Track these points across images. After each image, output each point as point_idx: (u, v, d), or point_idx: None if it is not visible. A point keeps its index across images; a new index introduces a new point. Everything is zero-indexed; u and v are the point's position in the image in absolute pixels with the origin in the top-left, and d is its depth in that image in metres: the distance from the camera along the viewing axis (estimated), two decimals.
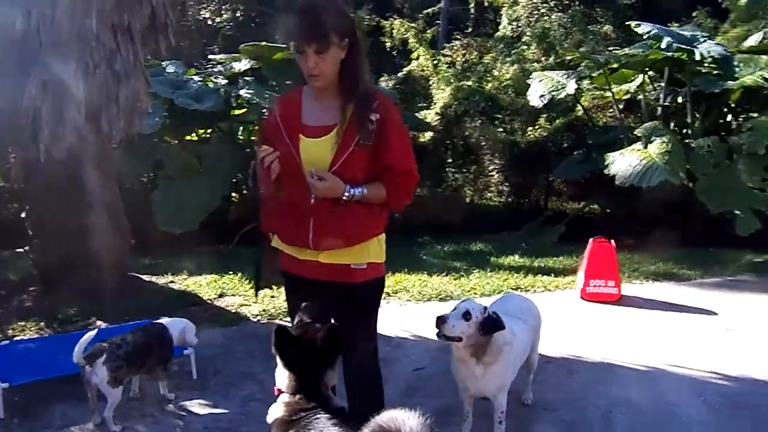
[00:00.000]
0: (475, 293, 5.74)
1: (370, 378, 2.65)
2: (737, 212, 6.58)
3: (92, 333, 3.22)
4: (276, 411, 2.19)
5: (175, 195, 7.43)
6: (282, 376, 2.21)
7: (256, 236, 7.79)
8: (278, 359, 2.21)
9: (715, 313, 5.21)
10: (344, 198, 2.38)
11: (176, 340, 3.52)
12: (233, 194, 8.87)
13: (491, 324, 2.75)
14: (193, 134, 9.13)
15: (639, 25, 7.82)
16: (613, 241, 5.69)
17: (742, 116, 8.11)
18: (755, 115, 7.58)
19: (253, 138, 9.31)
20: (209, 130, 9.23)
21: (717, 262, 6.71)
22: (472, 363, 2.82)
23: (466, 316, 2.74)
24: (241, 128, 9.29)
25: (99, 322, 4.81)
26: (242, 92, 8.13)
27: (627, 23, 9.05)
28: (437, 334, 2.80)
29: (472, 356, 2.81)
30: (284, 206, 2.56)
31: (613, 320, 5.06)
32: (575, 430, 3.31)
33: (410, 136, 2.81)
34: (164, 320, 3.60)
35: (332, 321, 2.33)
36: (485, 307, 2.81)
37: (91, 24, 4.73)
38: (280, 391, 2.21)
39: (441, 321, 2.75)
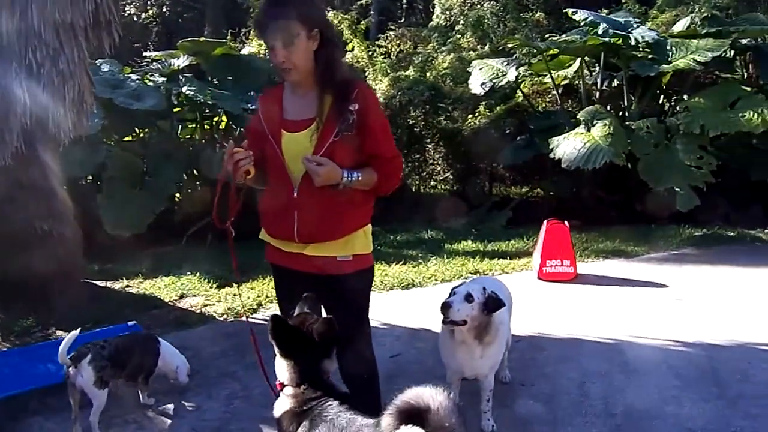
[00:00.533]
0: (436, 280, 5.84)
1: (365, 367, 2.69)
2: (677, 189, 6.91)
3: (75, 332, 3.17)
4: (283, 404, 2.21)
5: (120, 198, 7.26)
6: (282, 369, 2.23)
7: (206, 234, 7.77)
8: (276, 349, 2.23)
9: (665, 286, 5.48)
10: (342, 182, 2.40)
11: (166, 368, 3.47)
12: (177, 194, 8.67)
13: (493, 303, 2.84)
14: (131, 135, 8.86)
15: (576, 12, 8.09)
16: (566, 222, 5.88)
17: (674, 98, 8.51)
18: (686, 97, 7.94)
19: (190, 136, 9.18)
20: (146, 130, 8.98)
21: (661, 238, 7.04)
22: (474, 345, 2.90)
23: (468, 298, 2.81)
24: (180, 126, 9.10)
25: (59, 332, 4.64)
26: (184, 89, 7.94)
27: (564, 10, 9.32)
28: (443, 321, 2.84)
29: (475, 338, 2.88)
30: (269, 200, 2.58)
31: (572, 298, 5.26)
32: (554, 401, 3.44)
33: None
34: (165, 343, 3.53)
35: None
36: (484, 287, 2.88)
37: (32, 21, 4.55)
38: (283, 385, 2.23)
39: (446, 307, 2.80)
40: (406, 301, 5.28)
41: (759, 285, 5.42)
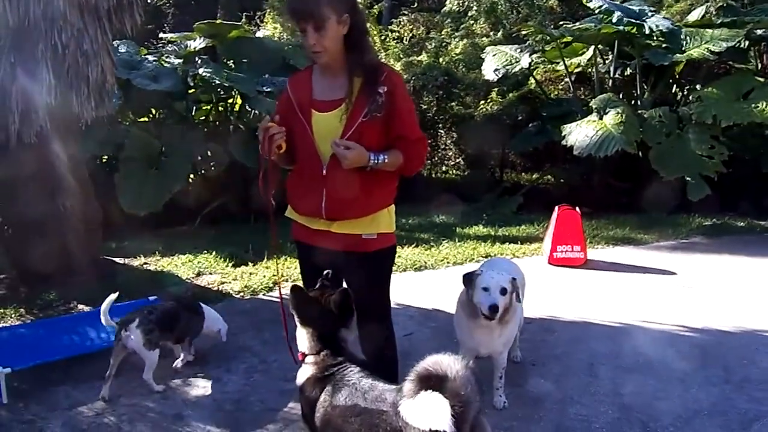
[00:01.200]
0: (448, 262, 5.94)
1: (386, 342, 2.79)
2: (688, 179, 6.95)
3: (113, 296, 3.51)
4: (305, 372, 2.32)
5: (138, 177, 7.34)
6: (303, 339, 2.36)
7: (218, 215, 7.88)
8: (296, 319, 2.36)
9: (675, 273, 5.55)
10: (370, 164, 2.50)
11: (209, 330, 3.79)
12: (191, 175, 8.77)
13: (518, 289, 3.01)
14: (147, 116, 8.95)
15: (590, 0, 8.09)
16: (578, 209, 5.95)
17: (687, 88, 8.53)
18: (699, 86, 7.97)
19: (204, 118, 9.24)
20: (162, 111, 9.06)
21: (670, 226, 7.10)
22: (495, 325, 3.00)
23: (503, 292, 2.93)
24: (194, 108, 9.17)
25: (81, 306, 4.79)
26: (200, 71, 8.02)
27: None
28: (489, 318, 2.95)
29: (499, 321, 2.99)
30: (297, 178, 2.67)
31: (582, 283, 5.35)
32: (564, 381, 3.54)
33: None
34: (207, 309, 3.83)
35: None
36: (513, 278, 3.01)
37: (58, 3, 4.64)
38: (305, 355, 2.35)
39: (495, 310, 2.91)
40: (419, 282, 5.38)
41: (766, 274, 5.48)
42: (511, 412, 3.19)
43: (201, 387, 3.51)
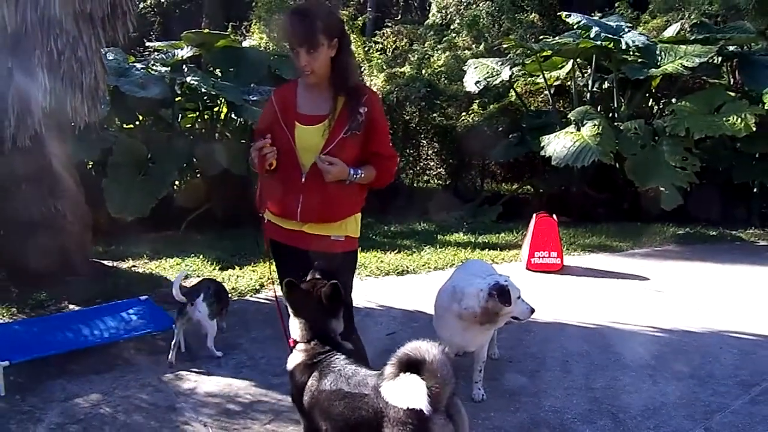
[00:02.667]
0: (429, 267, 6.13)
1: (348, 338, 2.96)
2: (662, 189, 7.21)
3: (182, 273, 4.29)
4: (295, 358, 2.49)
5: (125, 182, 7.46)
6: (295, 327, 2.52)
7: (202, 221, 7.98)
8: (289, 309, 2.53)
9: (647, 278, 5.78)
10: (349, 179, 2.73)
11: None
12: (176, 182, 8.88)
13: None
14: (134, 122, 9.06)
15: (569, 15, 8.36)
16: (554, 216, 6.17)
17: (662, 101, 8.82)
18: (674, 100, 8.25)
19: (190, 126, 9.37)
20: (150, 118, 9.18)
21: (644, 235, 7.35)
22: (488, 325, 3.21)
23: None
24: (180, 116, 9.29)
25: (72, 306, 4.90)
26: (188, 79, 8.16)
27: (558, 13, 9.59)
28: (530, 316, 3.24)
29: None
30: (277, 182, 2.87)
31: (558, 287, 5.56)
32: (539, 376, 3.74)
33: None
34: None
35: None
36: (509, 281, 3.22)
37: (54, 11, 4.77)
38: (295, 342, 2.52)
39: (533, 310, 3.24)
40: (401, 286, 5.56)
41: (736, 281, 5.74)
42: (488, 404, 3.37)
43: (192, 381, 3.65)
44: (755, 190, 8.25)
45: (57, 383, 3.59)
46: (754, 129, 7.16)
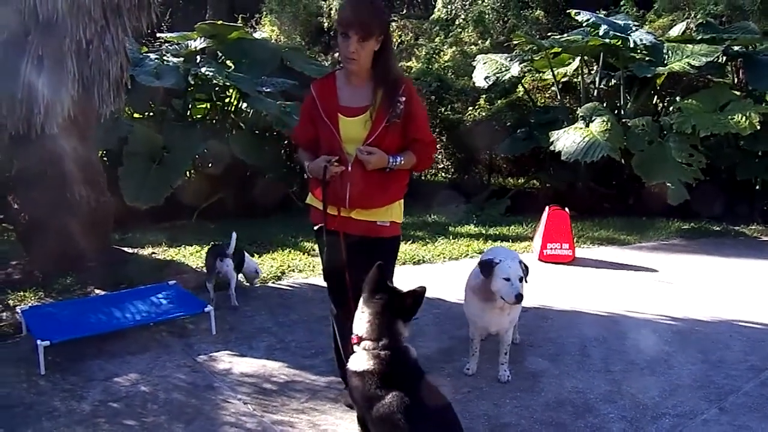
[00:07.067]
0: (444, 257, 6.27)
1: None
2: (669, 184, 7.35)
3: (234, 235, 4.77)
4: (364, 360, 2.42)
5: (140, 171, 7.54)
6: (362, 322, 2.49)
7: (214, 211, 8.08)
8: (365, 294, 2.52)
9: (656, 270, 5.94)
10: (389, 166, 2.86)
11: (248, 268, 5.08)
12: (188, 172, 8.97)
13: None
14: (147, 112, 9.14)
15: (579, 13, 8.48)
16: (566, 209, 6.31)
17: (667, 99, 8.96)
18: (678, 98, 8.39)
19: (201, 116, 9.45)
20: (162, 108, 9.27)
21: (651, 229, 7.49)
22: (507, 306, 3.35)
23: (521, 279, 3.29)
24: (190, 106, 9.38)
25: (97, 291, 5.02)
26: (203, 70, 8.27)
27: (563, 9, 9.71)
28: (515, 303, 3.30)
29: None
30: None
31: (571, 277, 5.70)
32: (559, 360, 3.90)
33: None
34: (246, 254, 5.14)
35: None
36: (519, 262, 3.34)
37: (83, 0, 4.88)
38: (360, 338, 2.48)
39: (521, 299, 3.27)
40: (418, 274, 5.69)
41: (741, 274, 5.89)
42: (514, 385, 3.53)
43: (227, 362, 3.79)
44: (758, 187, 8.40)
45: (95, 363, 3.72)
46: (758, 127, 7.30)
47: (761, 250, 6.82)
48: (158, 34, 11.18)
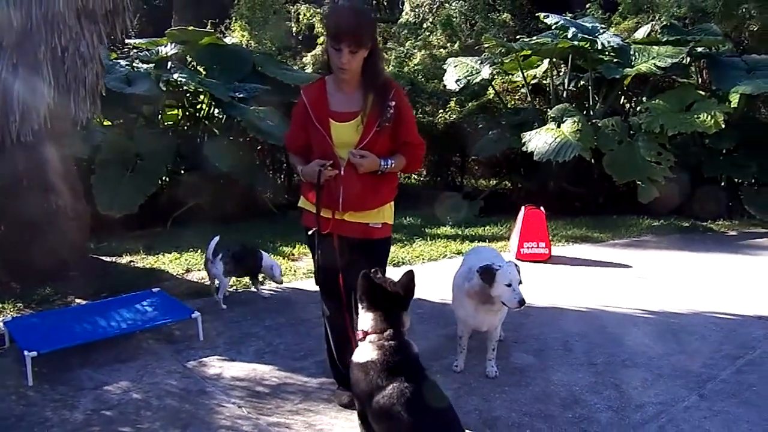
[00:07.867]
0: (423, 258, 6.35)
1: None
2: (639, 182, 7.55)
3: (216, 238, 4.67)
4: (369, 351, 2.52)
5: (113, 179, 7.48)
6: (367, 320, 2.60)
7: (189, 218, 8.02)
8: (364, 303, 2.62)
9: (630, 266, 6.10)
10: (381, 169, 2.93)
11: (266, 268, 4.95)
12: (161, 179, 8.90)
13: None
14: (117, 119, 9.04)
15: (547, 16, 8.65)
16: (542, 208, 6.44)
17: (634, 99, 9.19)
18: (645, 98, 8.61)
19: (173, 122, 9.39)
20: (133, 116, 9.17)
21: (623, 227, 7.68)
22: (500, 307, 3.42)
23: (520, 282, 3.37)
24: (161, 112, 9.30)
25: (78, 300, 4.97)
26: (175, 76, 8.22)
27: (529, 12, 9.87)
28: (518, 308, 3.37)
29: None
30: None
31: (549, 275, 5.82)
32: (543, 355, 4.00)
33: None
34: (264, 253, 5.04)
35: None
36: (514, 265, 3.42)
37: (58, 7, 4.84)
38: (365, 333, 2.59)
39: (523, 303, 3.32)
40: (399, 276, 5.74)
41: (711, 268, 6.08)
42: (501, 380, 3.62)
43: (217, 367, 3.80)
44: (723, 183, 8.65)
45: (83, 372, 3.70)
46: (723, 126, 7.54)
47: (728, 245, 7.04)
48: (127, 40, 11.09)
